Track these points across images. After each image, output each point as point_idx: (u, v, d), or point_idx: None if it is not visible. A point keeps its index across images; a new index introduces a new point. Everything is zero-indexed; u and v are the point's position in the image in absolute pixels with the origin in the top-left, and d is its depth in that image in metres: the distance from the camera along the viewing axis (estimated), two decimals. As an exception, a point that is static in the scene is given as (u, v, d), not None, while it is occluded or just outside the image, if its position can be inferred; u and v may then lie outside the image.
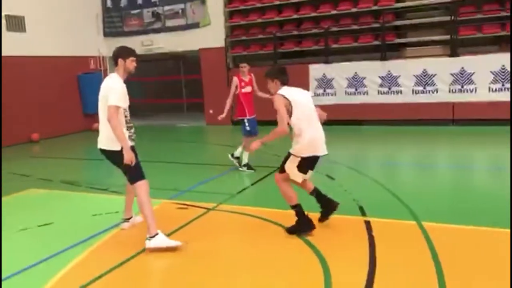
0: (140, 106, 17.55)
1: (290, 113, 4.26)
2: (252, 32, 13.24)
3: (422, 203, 5.26)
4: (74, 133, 13.16)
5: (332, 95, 11.73)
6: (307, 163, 4.35)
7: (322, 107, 4.80)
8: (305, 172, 4.38)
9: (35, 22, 12.40)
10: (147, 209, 4.29)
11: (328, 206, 4.57)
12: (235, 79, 7.34)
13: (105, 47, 14.86)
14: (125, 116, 4.40)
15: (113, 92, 4.25)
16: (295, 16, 12.64)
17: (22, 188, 6.85)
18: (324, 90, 11.78)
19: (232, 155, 7.50)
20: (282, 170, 4.43)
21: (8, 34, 11.72)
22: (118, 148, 4.26)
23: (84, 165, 9.36)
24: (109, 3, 14.79)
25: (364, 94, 11.40)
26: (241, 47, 13.46)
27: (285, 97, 4.26)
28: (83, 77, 13.71)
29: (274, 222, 4.78)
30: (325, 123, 4.64)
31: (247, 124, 7.23)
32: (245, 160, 7.23)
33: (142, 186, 4.34)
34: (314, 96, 12.30)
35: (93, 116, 14.92)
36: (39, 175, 7.78)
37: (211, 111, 13.77)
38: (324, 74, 11.74)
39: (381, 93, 11.24)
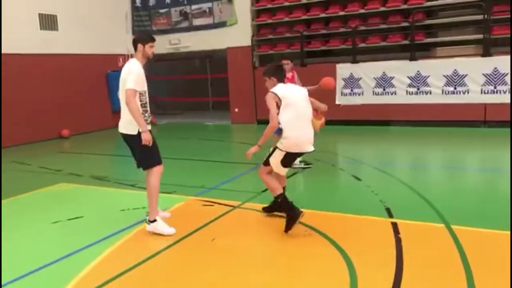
0: (167, 104, 17.80)
1: (278, 108, 4.43)
2: (279, 31, 13.21)
3: (451, 205, 5.14)
4: (103, 130, 13.42)
5: (359, 95, 11.59)
6: (292, 158, 4.54)
7: (349, 107, 4.79)
8: (288, 166, 4.56)
9: (67, 20, 12.71)
10: (156, 195, 4.55)
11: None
12: None
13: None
14: (141, 100, 4.49)
15: (131, 76, 4.38)
16: (322, 15, 12.54)
17: (53, 182, 7.04)
18: (352, 90, 11.64)
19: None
20: (266, 163, 4.56)
21: (41, 32, 12.07)
22: (135, 132, 4.42)
23: (113, 161, 9.54)
24: (138, 2, 15.01)
25: (392, 94, 11.22)
26: (267, 46, 13.45)
27: (276, 94, 4.38)
28: (111, 75, 13.95)
29: (299, 221, 4.75)
30: (353, 123, 4.65)
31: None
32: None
33: (157, 169, 4.56)
34: (341, 96, 12.17)
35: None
36: (69, 170, 7.97)
37: (236, 110, 13.84)
38: (351, 73, 11.61)
39: (409, 94, 11.04)
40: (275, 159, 4.48)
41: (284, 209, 4.53)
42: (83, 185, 6.86)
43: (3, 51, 10.98)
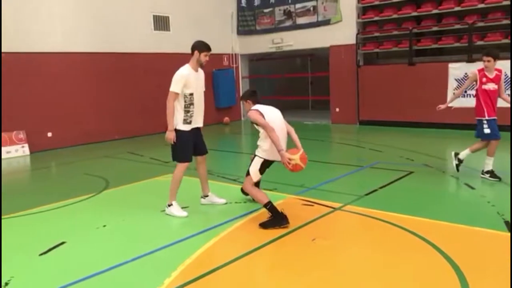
0: (268, 103, 18.03)
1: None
2: (386, 29, 12.69)
3: None
4: (207, 125, 13.94)
5: (474, 96, 10.65)
6: (267, 165, 4.90)
7: (462, 110, 4.39)
8: (262, 172, 4.92)
9: (178, 21, 13.50)
10: (177, 184, 5.21)
11: None
12: (475, 73, 6.37)
13: (238, 45, 15.57)
14: (184, 101, 5.03)
15: (173, 80, 5.01)
16: (435, 11, 11.78)
17: (162, 173, 7.51)
18: (465, 92, 10.72)
19: (456, 154, 6.75)
20: (248, 173, 4.90)
21: (154, 33, 12.96)
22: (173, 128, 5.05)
23: (216, 156, 9.84)
24: (243, 2, 15.41)
25: (513, 96, 10.14)
26: (373, 44, 13.00)
27: (257, 110, 4.82)
28: (216, 73, 14.54)
29: (404, 228, 4.50)
30: (466, 127, 4.24)
31: (486, 125, 6.28)
32: (489, 166, 6.40)
33: (181, 166, 5.20)
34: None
35: (225, 109, 15.91)
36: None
37: (337, 110, 13.58)
38: (466, 73, 10.71)
39: (535, 96, 9.89)
40: (254, 167, 4.86)
41: (273, 214, 4.66)
42: (189, 177, 7.16)
43: (118, 50, 12.00)
